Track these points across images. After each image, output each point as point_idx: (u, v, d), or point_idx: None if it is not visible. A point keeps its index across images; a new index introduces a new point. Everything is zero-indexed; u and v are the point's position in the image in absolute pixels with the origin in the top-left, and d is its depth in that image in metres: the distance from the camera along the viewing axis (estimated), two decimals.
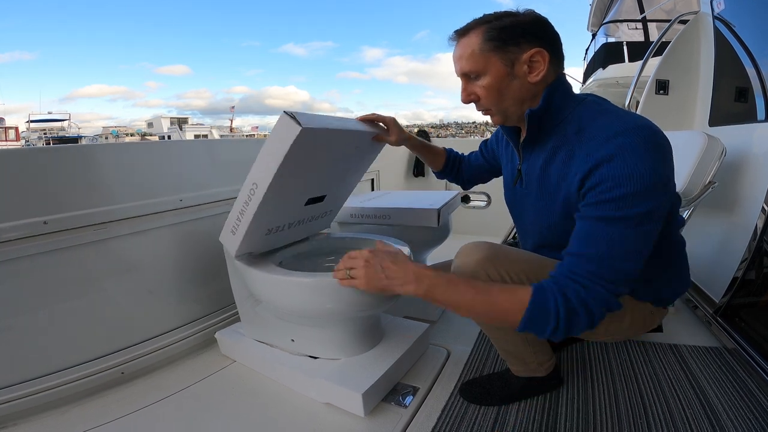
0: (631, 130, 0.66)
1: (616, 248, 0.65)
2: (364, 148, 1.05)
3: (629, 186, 0.63)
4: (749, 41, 1.50)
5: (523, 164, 0.88)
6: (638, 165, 0.63)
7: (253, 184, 0.88)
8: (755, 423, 0.84)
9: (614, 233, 0.65)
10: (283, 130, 0.79)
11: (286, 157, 0.80)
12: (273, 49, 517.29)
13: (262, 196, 0.87)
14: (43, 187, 0.96)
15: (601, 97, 0.81)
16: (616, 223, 0.65)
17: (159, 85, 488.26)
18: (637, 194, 0.63)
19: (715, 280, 1.33)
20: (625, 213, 0.64)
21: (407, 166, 2.80)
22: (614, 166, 0.65)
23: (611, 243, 0.65)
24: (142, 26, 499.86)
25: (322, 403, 0.97)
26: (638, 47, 4.86)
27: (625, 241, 0.65)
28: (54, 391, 0.98)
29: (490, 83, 0.76)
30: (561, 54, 0.78)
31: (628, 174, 0.63)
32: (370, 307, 0.96)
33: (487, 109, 0.81)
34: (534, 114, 0.77)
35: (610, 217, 0.65)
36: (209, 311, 1.33)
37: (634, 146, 0.64)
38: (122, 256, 1.11)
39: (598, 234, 0.66)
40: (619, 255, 0.65)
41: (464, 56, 0.77)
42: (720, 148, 1.30)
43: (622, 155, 0.64)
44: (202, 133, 24.82)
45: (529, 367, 0.94)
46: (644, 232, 0.66)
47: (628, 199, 0.64)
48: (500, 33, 0.73)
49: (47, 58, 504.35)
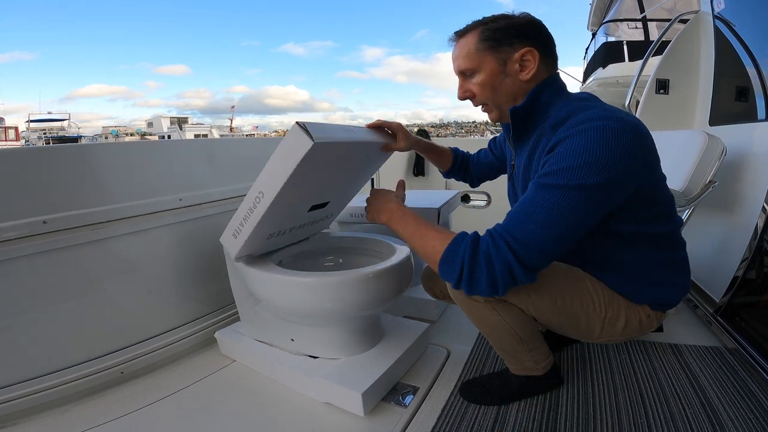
0: (601, 119, 0.67)
1: (535, 212, 0.66)
2: (373, 157, 1.05)
3: (570, 159, 0.65)
4: (749, 40, 1.50)
5: (516, 159, 0.91)
6: (589, 146, 0.64)
7: (259, 192, 0.87)
8: (755, 423, 0.84)
9: (539, 198, 0.67)
10: (295, 141, 0.77)
11: (296, 170, 0.79)
12: (272, 49, 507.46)
13: (267, 205, 0.86)
14: (43, 187, 0.96)
15: (596, 96, 0.82)
16: (545, 189, 0.67)
17: (159, 84, 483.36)
18: (574, 168, 0.64)
19: (716, 279, 1.33)
20: (556, 181, 0.66)
21: (407, 166, 2.80)
22: (568, 143, 0.66)
23: (532, 206, 0.67)
24: (142, 26, 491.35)
25: (322, 402, 0.97)
26: (638, 46, 4.85)
27: (548, 209, 0.65)
28: (54, 391, 0.98)
29: (484, 80, 0.80)
30: (554, 54, 0.81)
31: (573, 150, 0.65)
32: (369, 306, 0.96)
33: (483, 104, 0.85)
34: (516, 111, 0.80)
35: (542, 184, 0.67)
36: (209, 311, 1.33)
37: (595, 131, 0.65)
38: (122, 255, 1.11)
39: (526, 197, 0.69)
40: (536, 219, 0.66)
41: (461, 55, 0.82)
42: (720, 147, 1.29)
43: (581, 135, 0.66)
44: (202, 133, 24.81)
45: (525, 365, 0.94)
46: (570, 207, 0.65)
47: (565, 171, 0.65)
48: (495, 33, 0.78)
49: (47, 58, 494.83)
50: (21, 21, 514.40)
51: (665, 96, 2.01)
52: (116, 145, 1.12)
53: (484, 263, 0.67)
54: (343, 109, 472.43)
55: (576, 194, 0.65)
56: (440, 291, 1.09)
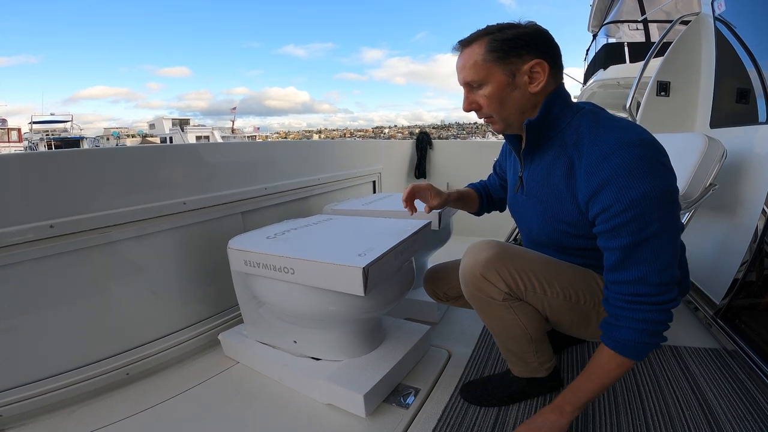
0: (623, 147, 0.69)
1: (651, 266, 0.69)
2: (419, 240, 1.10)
3: (637, 208, 0.67)
4: (750, 43, 1.50)
5: (524, 172, 0.90)
6: (639, 185, 0.66)
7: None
8: (754, 425, 0.84)
9: (643, 255, 0.69)
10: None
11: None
12: (273, 51, 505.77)
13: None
14: (50, 191, 0.98)
15: (598, 105, 0.83)
16: (639, 246, 0.68)
17: (160, 86, 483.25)
18: (646, 212, 0.67)
19: (716, 281, 1.33)
20: (645, 235, 0.68)
21: (409, 168, 2.81)
22: (616, 189, 0.68)
23: (645, 263, 0.69)
24: (144, 29, 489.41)
25: (324, 403, 0.99)
26: (639, 48, 4.84)
27: (656, 258, 0.69)
28: (61, 392, 1.00)
29: (492, 93, 0.78)
30: (560, 65, 0.80)
31: (633, 197, 0.67)
32: (371, 310, 0.97)
33: (488, 116, 0.83)
34: (532, 124, 0.79)
35: (633, 243, 0.69)
36: (213, 313, 1.34)
37: (630, 166, 0.67)
38: (127, 258, 1.12)
39: (629, 261, 0.70)
40: (656, 270, 0.69)
41: (467, 66, 0.79)
42: (721, 150, 1.30)
43: (623, 177, 0.67)
44: (203, 135, 24.84)
45: (530, 367, 0.95)
46: (668, 242, 0.69)
47: (640, 219, 0.67)
48: (502, 44, 0.76)
49: (51, 61, 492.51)
50: (28, 24, 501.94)
51: (666, 98, 2.02)
52: (121, 150, 1.13)
53: (649, 337, 0.71)
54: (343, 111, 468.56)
55: (665, 230, 0.68)
56: (442, 294, 1.10)
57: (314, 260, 0.87)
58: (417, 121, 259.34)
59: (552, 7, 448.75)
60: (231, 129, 33.17)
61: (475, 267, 0.83)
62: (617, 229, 0.69)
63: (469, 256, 0.86)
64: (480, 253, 0.84)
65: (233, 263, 1.07)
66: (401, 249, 0.96)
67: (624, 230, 0.69)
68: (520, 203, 0.95)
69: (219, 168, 1.36)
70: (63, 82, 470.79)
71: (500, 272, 0.81)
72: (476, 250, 0.85)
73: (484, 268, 0.82)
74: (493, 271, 0.81)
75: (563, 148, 0.79)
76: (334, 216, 1.37)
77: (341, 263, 0.83)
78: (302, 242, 1.03)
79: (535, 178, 0.86)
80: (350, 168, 2.04)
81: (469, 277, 0.85)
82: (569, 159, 0.77)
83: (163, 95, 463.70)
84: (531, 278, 0.82)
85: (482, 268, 0.82)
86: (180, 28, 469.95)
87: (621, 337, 0.72)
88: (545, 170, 0.83)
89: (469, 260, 0.85)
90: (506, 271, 0.81)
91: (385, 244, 0.93)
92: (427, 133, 2.88)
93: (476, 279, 0.83)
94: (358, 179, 2.11)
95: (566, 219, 0.81)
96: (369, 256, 0.85)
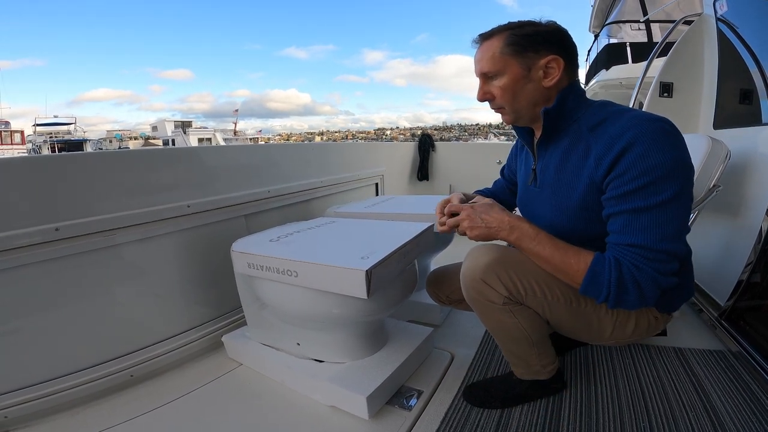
0: (644, 122, 0.71)
1: (654, 233, 0.69)
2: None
3: (652, 174, 0.68)
4: (753, 43, 1.49)
5: (537, 164, 0.91)
6: (657, 153, 0.68)
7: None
8: (759, 427, 0.84)
9: (649, 222, 0.69)
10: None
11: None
12: (275, 53, 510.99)
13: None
14: (55, 195, 0.98)
15: (610, 100, 0.85)
16: (647, 212, 0.69)
17: (163, 88, 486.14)
18: (659, 181, 0.68)
19: (720, 283, 1.32)
20: (654, 200, 0.69)
21: (411, 170, 2.81)
22: (636, 155, 0.69)
23: (649, 230, 0.70)
24: (146, 32, 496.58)
25: (327, 405, 0.99)
26: (641, 48, 4.84)
27: (661, 226, 0.69)
28: (65, 394, 1.00)
29: (507, 84, 0.81)
30: (576, 63, 0.83)
31: (650, 164, 0.68)
32: (374, 312, 0.97)
33: (500, 107, 0.85)
34: (550, 112, 0.81)
35: (641, 208, 0.70)
36: (216, 315, 1.35)
37: (650, 135, 0.69)
38: (132, 261, 1.13)
39: (634, 225, 0.71)
40: (657, 238, 0.69)
41: (485, 57, 0.82)
42: (724, 151, 1.29)
43: (642, 143, 0.69)
44: (206, 137, 24.93)
45: (532, 369, 0.95)
46: (676, 214, 0.70)
47: (653, 186, 0.68)
48: (521, 39, 0.79)
49: (56, 64, 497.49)
50: (35, 26, 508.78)
51: (669, 99, 2.01)
52: (125, 153, 1.14)
53: (634, 290, 0.71)
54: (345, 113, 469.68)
55: (675, 201, 0.69)
56: (444, 296, 1.10)
57: (317, 263, 0.87)
58: (418, 123, 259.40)
59: (554, 8, 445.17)
60: (233, 131, 33.26)
61: (476, 271, 0.83)
62: (629, 195, 0.70)
63: (469, 260, 0.86)
64: (480, 257, 0.84)
65: (236, 266, 1.07)
66: (404, 252, 0.97)
67: (635, 195, 0.70)
68: (532, 197, 0.95)
69: (222, 171, 1.37)
70: (67, 85, 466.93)
71: (500, 276, 0.81)
72: (477, 254, 0.85)
73: (485, 273, 0.82)
74: (494, 276, 0.82)
75: (579, 134, 0.80)
76: (337, 219, 1.38)
77: (344, 266, 0.84)
78: (305, 245, 1.03)
79: (549, 168, 0.87)
80: (353, 170, 2.05)
81: (470, 281, 0.85)
82: (586, 144, 0.78)
83: (166, 98, 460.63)
84: (531, 282, 0.82)
85: (482, 272, 0.82)
86: (182, 31, 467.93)
87: (598, 269, 0.72)
88: (560, 157, 0.84)
89: (469, 264, 0.85)
90: (506, 276, 0.81)
91: (387, 246, 0.93)
92: (429, 134, 2.87)
93: (476, 283, 0.84)
94: (360, 182, 2.12)
95: (581, 203, 0.80)
96: (372, 259, 0.85)
